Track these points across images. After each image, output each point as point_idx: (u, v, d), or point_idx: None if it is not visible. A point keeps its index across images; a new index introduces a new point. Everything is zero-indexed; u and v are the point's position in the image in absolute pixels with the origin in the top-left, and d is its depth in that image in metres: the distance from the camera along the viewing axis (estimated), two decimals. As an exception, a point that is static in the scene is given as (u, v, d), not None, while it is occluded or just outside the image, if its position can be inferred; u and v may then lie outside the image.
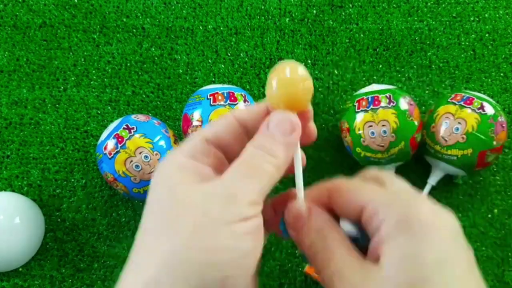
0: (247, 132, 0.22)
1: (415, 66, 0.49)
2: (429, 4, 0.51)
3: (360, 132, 0.39)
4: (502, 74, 0.49)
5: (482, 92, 0.48)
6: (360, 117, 0.39)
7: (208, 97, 0.39)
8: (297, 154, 0.22)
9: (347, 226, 0.22)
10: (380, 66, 0.49)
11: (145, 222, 0.18)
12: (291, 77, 0.20)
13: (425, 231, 0.18)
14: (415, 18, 0.51)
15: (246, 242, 0.17)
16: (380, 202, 0.19)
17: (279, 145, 0.20)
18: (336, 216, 0.22)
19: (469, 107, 0.39)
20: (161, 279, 0.16)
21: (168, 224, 0.17)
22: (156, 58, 0.49)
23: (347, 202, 0.21)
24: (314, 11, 0.51)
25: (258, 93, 0.48)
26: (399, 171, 0.44)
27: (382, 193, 0.20)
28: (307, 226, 0.21)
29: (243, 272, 0.17)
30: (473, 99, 0.39)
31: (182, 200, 0.18)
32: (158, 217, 0.18)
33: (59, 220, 0.43)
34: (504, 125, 0.39)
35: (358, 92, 0.42)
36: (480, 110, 0.39)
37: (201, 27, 0.50)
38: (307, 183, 0.23)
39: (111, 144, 0.37)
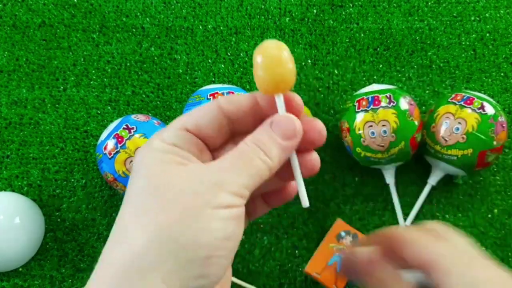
0: (230, 122, 0.21)
1: (415, 66, 0.49)
2: (429, 3, 0.51)
3: (360, 132, 0.39)
4: (502, 74, 0.49)
5: (483, 92, 0.48)
6: (360, 117, 0.39)
7: (208, 97, 0.39)
8: (294, 161, 0.22)
9: (411, 274, 0.23)
10: (381, 66, 0.49)
11: (130, 199, 0.18)
12: (278, 56, 0.20)
13: None
14: (416, 18, 0.51)
15: (230, 226, 0.18)
16: (452, 262, 0.21)
17: (276, 146, 0.20)
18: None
19: (469, 107, 0.39)
20: (149, 252, 0.16)
21: (156, 202, 0.17)
22: (156, 58, 0.48)
23: (413, 254, 0.22)
24: (315, 11, 0.51)
25: (258, 93, 0.47)
26: (399, 171, 0.44)
27: (451, 252, 0.21)
28: (371, 276, 0.23)
29: (226, 253, 0.18)
30: (474, 99, 0.39)
31: (169, 180, 0.18)
32: (145, 195, 0.18)
33: (59, 220, 0.43)
34: (504, 125, 0.39)
35: (358, 92, 0.42)
36: (481, 110, 0.39)
37: (201, 27, 0.50)
38: (307, 183, 0.23)
39: (111, 144, 0.37)
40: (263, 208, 0.24)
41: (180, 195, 0.17)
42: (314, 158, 0.22)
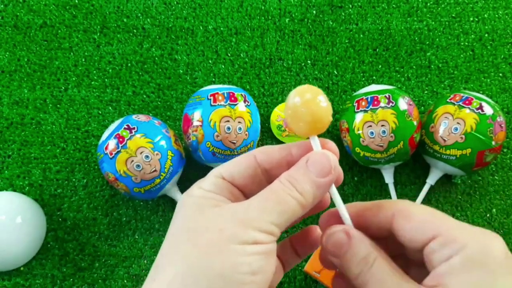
0: (265, 172, 0.22)
1: (414, 66, 0.49)
2: (428, 4, 0.52)
3: (360, 132, 0.39)
4: (501, 74, 0.49)
5: (481, 92, 0.48)
6: (359, 117, 0.40)
7: (209, 97, 0.39)
8: (335, 196, 0.21)
9: None
10: (380, 66, 0.49)
11: (166, 239, 0.20)
12: (314, 101, 0.20)
13: (500, 272, 0.18)
14: (415, 19, 0.51)
15: (256, 261, 0.18)
16: (459, 232, 0.19)
17: (310, 183, 0.20)
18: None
19: (468, 107, 0.39)
20: (176, 284, 0.17)
21: (186, 239, 0.19)
22: (156, 59, 0.49)
23: (416, 228, 0.20)
24: (314, 12, 0.51)
25: (258, 93, 0.48)
26: (398, 171, 0.44)
27: (458, 224, 0.19)
28: (351, 254, 0.20)
29: (254, 287, 0.18)
30: (472, 99, 0.40)
31: (201, 219, 0.19)
32: (179, 234, 0.19)
33: (60, 219, 0.43)
34: (502, 125, 0.39)
35: (357, 92, 0.42)
36: (479, 110, 0.39)
37: (201, 28, 0.50)
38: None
39: (112, 144, 0.37)
40: (295, 259, 0.25)
41: (208, 231, 0.18)
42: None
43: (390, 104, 0.39)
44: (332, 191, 0.21)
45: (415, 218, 0.20)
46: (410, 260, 0.22)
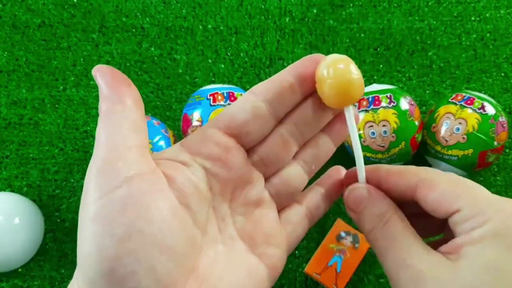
0: (272, 106, 0.19)
1: (415, 66, 0.49)
2: (430, 3, 0.51)
3: (361, 132, 0.39)
4: (503, 74, 0.48)
5: (483, 92, 0.48)
6: (360, 117, 0.39)
7: (208, 97, 0.39)
8: (354, 132, 0.20)
9: None
10: (381, 66, 0.49)
11: None
12: (347, 69, 0.20)
13: None
14: (416, 18, 0.50)
15: None
16: (484, 205, 0.18)
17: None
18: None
19: (470, 107, 0.39)
20: None
21: None
22: (155, 58, 0.48)
23: (439, 199, 0.19)
24: (315, 11, 0.51)
25: (258, 93, 0.47)
26: (400, 171, 0.44)
27: (484, 196, 0.19)
28: (368, 210, 0.20)
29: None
30: (474, 99, 0.39)
31: None
32: None
33: (58, 220, 0.43)
34: (505, 125, 0.39)
35: (358, 92, 0.42)
36: (481, 110, 0.38)
37: (200, 27, 0.50)
38: (308, 182, 0.23)
39: (110, 144, 0.37)
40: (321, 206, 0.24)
41: None
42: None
43: (392, 104, 0.39)
44: (355, 147, 0.21)
45: (438, 189, 0.19)
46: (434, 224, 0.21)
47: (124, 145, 0.16)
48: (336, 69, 0.19)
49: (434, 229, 0.21)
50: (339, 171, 0.23)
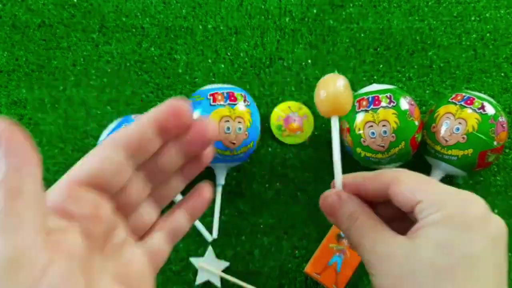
0: (132, 159, 0.20)
1: (415, 66, 0.49)
2: (430, 3, 0.51)
3: (361, 132, 0.39)
4: (503, 74, 0.48)
5: (483, 92, 0.48)
6: (360, 117, 0.39)
7: (208, 97, 0.39)
8: (336, 143, 0.26)
9: None
10: (381, 65, 0.49)
11: None
12: (340, 91, 0.26)
13: (469, 229, 0.20)
14: (416, 18, 0.50)
15: None
16: (441, 195, 0.22)
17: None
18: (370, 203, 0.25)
19: (470, 107, 0.39)
20: None
21: None
22: (155, 58, 0.48)
23: (405, 194, 0.23)
24: (315, 11, 0.51)
25: (258, 93, 0.47)
26: (400, 171, 0.44)
27: (442, 188, 0.22)
28: (340, 212, 0.25)
29: None
30: (474, 99, 0.39)
31: None
32: None
33: (58, 220, 0.43)
34: (504, 125, 0.39)
35: (358, 92, 0.42)
36: (481, 110, 0.38)
37: (200, 27, 0.50)
38: (307, 183, 0.24)
39: (110, 144, 0.37)
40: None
41: None
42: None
43: (392, 104, 0.39)
44: (335, 158, 0.25)
45: (405, 185, 0.23)
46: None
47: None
48: (329, 87, 0.25)
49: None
50: (202, 192, 0.24)
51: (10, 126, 0.16)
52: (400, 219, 0.25)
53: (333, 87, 0.25)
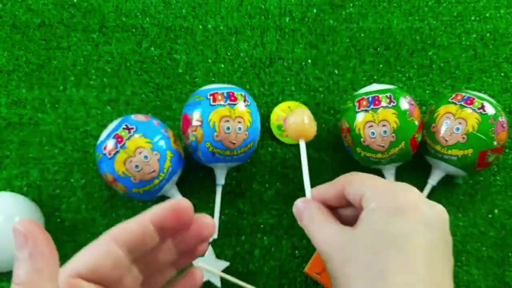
0: (130, 254, 0.21)
1: (415, 66, 0.49)
2: (430, 3, 0.51)
3: (360, 132, 0.39)
4: (503, 74, 0.48)
5: (483, 92, 0.48)
6: (360, 117, 0.39)
7: (208, 97, 0.39)
8: (304, 163, 0.32)
9: None
10: (381, 65, 0.49)
11: None
12: (305, 124, 0.34)
13: (400, 214, 0.24)
14: (416, 18, 0.50)
15: None
16: (376, 191, 0.26)
17: None
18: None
19: (470, 107, 0.39)
20: None
21: None
22: (155, 58, 0.48)
23: (353, 192, 0.27)
24: (315, 10, 0.51)
25: (258, 93, 0.47)
26: (400, 171, 0.44)
27: (380, 183, 0.27)
28: (305, 216, 0.29)
29: None
30: (474, 99, 0.39)
31: None
32: None
33: (58, 220, 0.43)
34: (504, 125, 0.39)
35: (358, 92, 0.42)
36: (481, 110, 0.38)
37: (200, 27, 0.50)
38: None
39: (110, 144, 0.37)
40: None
41: None
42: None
43: (392, 103, 0.39)
44: (304, 174, 0.31)
45: (354, 184, 0.27)
46: None
47: None
48: (297, 119, 0.34)
49: None
50: (195, 277, 0.26)
51: (36, 228, 0.18)
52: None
53: (300, 119, 0.33)
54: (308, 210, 0.29)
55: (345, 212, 0.30)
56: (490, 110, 0.39)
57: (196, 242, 0.23)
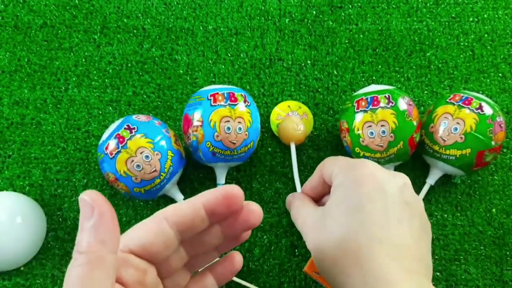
0: (180, 235, 0.22)
1: (414, 67, 0.49)
2: (428, 4, 0.52)
3: (359, 132, 0.39)
4: (500, 75, 0.49)
5: (481, 92, 0.48)
6: (359, 117, 0.40)
7: (209, 98, 0.39)
8: (294, 163, 0.38)
9: None
10: (379, 66, 0.49)
11: None
12: (295, 130, 0.41)
13: (359, 185, 0.27)
14: (414, 19, 0.51)
15: None
16: (341, 167, 0.29)
17: None
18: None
19: (468, 107, 0.39)
20: None
21: None
22: (156, 59, 0.49)
23: (326, 174, 0.31)
24: (314, 12, 0.51)
25: (258, 93, 0.48)
26: (398, 171, 0.44)
27: (343, 162, 0.30)
28: (292, 205, 0.33)
29: None
30: (472, 99, 0.40)
31: None
32: None
33: (60, 219, 0.43)
34: (502, 125, 0.39)
35: (357, 93, 0.42)
36: (479, 110, 0.39)
37: (201, 28, 0.50)
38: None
39: (112, 144, 0.37)
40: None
41: None
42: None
43: (390, 104, 0.39)
44: (294, 173, 0.39)
45: (325, 167, 0.31)
46: None
47: None
48: (285, 123, 0.41)
49: None
50: (234, 262, 0.27)
51: (102, 200, 0.18)
52: None
53: (291, 125, 0.41)
54: (295, 201, 0.33)
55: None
56: (488, 110, 0.39)
57: (242, 228, 0.23)
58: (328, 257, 0.25)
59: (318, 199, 0.34)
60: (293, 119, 0.39)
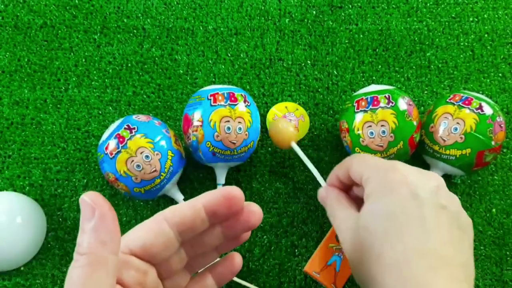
0: (180, 236, 0.22)
1: (414, 67, 0.49)
2: (428, 4, 0.52)
3: (359, 132, 0.39)
4: (500, 75, 0.49)
5: (481, 92, 0.48)
6: (359, 117, 0.40)
7: (209, 98, 0.39)
8: (308, 163, 0.37)
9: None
10: (379, 66, 0.49)
11: None
12: (284, 133, 0.39)
13: (389, 193, 0.26)
14: (414, 19, 0.51)
15: None
16: (372, 172, 0.28)
17: None
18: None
19: (468, 107, 0.39)
20: None
21: None
22: (156, 59, 0.49)
23: (354, 174, 0.30)
24: (314, 12, 0.51)
25: (258, 93, 0.48)
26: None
27: (372, 163, 0.29)
28: (327, 200, 0.33)
29: None
30: (472, 99, 0.40)
31: None
32: None
33: (60, 219, 0.43)
34: (502, 125, 0.39)
35: (357, 93, 0.42)
36: (479, 110, 0.39)
37: (201, 28, 0.50)
38: (307, 182, 0.24)
39: (112, 144, 0.37)
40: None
41: None
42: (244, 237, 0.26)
43: (390, 104, 0.39)
44: (310, 168, 0.37)
45: (355, 165, 0.30)
46: None
47: None
48: (277, 127, 0.40)
49: None
50: (234, 263, 0.27)
51: (103, 201, 0.19)
52: None
53: (286, 128, 0.39)
54: (330, 197, 0.33)
55: (361, 192, 0.31)
56: (488, 110, 0.39)
57: (242, 229, 0.23)
58: (365, 267, 0.25)
59: (347, 190, 0.35)
60: (278, 123, 0.39)
